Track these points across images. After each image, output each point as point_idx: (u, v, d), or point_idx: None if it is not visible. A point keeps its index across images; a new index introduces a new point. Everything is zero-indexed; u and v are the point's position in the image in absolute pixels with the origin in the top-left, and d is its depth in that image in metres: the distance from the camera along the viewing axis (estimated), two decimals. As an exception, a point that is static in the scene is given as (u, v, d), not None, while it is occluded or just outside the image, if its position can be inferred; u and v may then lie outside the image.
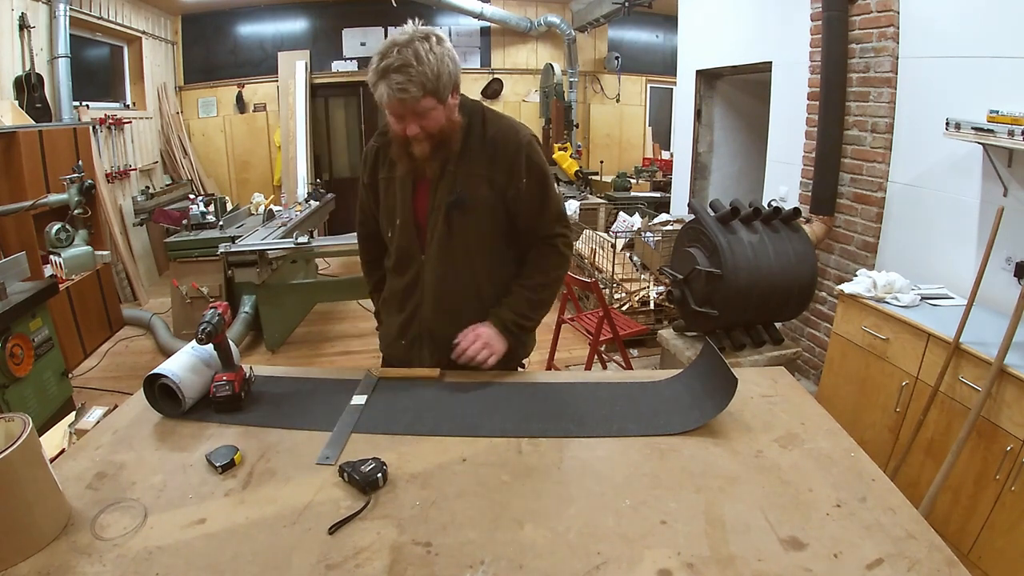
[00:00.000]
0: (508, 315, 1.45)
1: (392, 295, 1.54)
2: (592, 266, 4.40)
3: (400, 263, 1.49)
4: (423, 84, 1.20)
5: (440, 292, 1.45)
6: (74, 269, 3.82)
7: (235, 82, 6.88)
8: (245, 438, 1.17)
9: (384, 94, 1.21)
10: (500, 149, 1.38)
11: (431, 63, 1.20)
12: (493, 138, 1.39)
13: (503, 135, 1.39)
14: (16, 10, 4.13)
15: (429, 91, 1.22)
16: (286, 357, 3.96)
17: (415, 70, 1.19)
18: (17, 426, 0.90)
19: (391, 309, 1.56)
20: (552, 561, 0.86)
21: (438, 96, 1.24)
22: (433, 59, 1.21)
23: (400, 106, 1.23)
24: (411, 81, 1.19)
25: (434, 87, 1.22)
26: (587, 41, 7.50)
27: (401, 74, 1.18)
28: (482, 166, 1.38)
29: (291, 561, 0.86)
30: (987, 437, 1.83)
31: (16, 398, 2.64)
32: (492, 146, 1.38)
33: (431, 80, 1.21)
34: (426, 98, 1.23)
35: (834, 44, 2.94)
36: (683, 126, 4.92)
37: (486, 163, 1.38)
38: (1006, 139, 1.97)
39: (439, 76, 1.22)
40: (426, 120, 1.26)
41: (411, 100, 1.21)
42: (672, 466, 1.08)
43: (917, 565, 0.84)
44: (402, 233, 1.44)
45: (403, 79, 1.19)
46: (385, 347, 1.61)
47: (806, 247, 2.56)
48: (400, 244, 1.46)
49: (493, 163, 1.38)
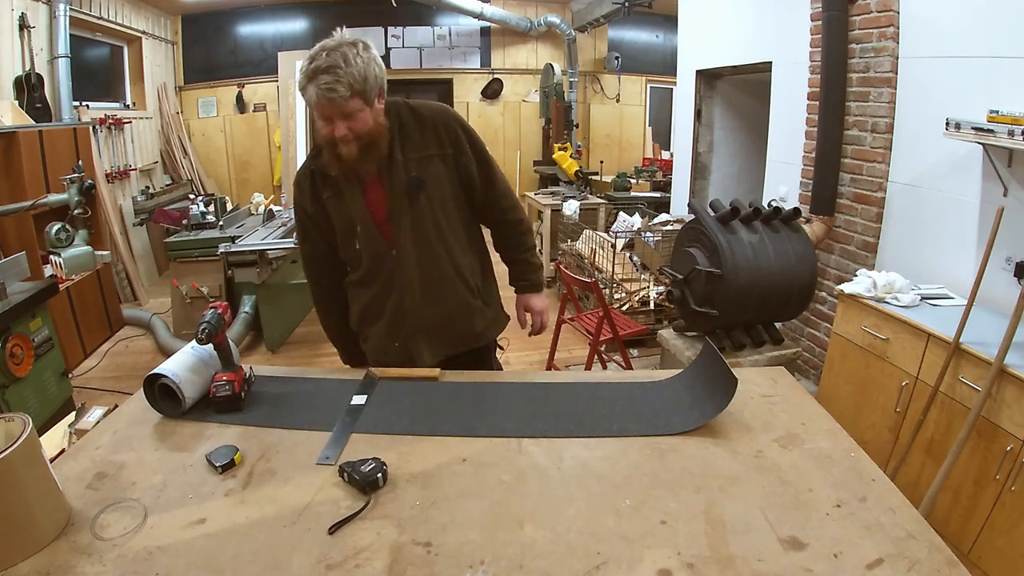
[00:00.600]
0: (533, 276, 1.70)
1: (369, 304, 1.54)
2: (592, 266, 4.40)
3: (370, 269, 1.50)
4: (351, 84, 1.25)
5: (421, 276, 1.47)
6: (74, 269, 3.81)
7: (235, 82, 6.88)
8: (245, 438, 1.17)
9: (313, 95, 1.26)
10: (439, 126, 1.46)
11: (358, 65, 1.26)
12: (429, 119, 1.45)
13: (435, 115, 1.47)
14: (16, 10, 4.13)
15: (356, 92, 1.27)
16: (286, 357, 3.95)
17: (343, 71, 1.24)
18: (17, 426, 0.90)
19: (371, 319, 1.56)
20: (552, 561, 0.86)
21: (365, 97, 1.30)
22: (360, 62, 1.27)
23: (329, 106, 1.28)
24: (339, 81, 1.24)
25: (361, 88, 1.27)
26: (587, 41, 7.50)
27: (330, 75, 1.24)
28: (429, 146, 1.45)
29: (291, 561, 0.86)
30: (987, 437, 1.83)
31: (16, 398, 2.64)
32: (431, 126, 1.45)
33: (358, 81, 1.26)
34: (353, 99, 1.28)
35: (834, 44, 2.94)
36: (683, 126, 4.92)
37: (432, 142, 1.45)
38: (1006, 139, 1.97)
39: (366, 78, 1.28)
40: (353, 121, 1.31)
41: (339, 100, 1.26)
42: (672, 466, 1.08)
43: (917, 565, 0.84)
44: (365, 235, 1.46)
45: (331, 79, 1.24)
46: (378, 358, 1.58)
47: (806, 247, 2.56)
48: (366, 247, 1.47)
49: (438, 139, 1.46)
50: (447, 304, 1.50)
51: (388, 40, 7.08)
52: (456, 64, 7.35)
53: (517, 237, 1.66)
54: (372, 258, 1.48)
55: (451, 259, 1.49)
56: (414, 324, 1.50)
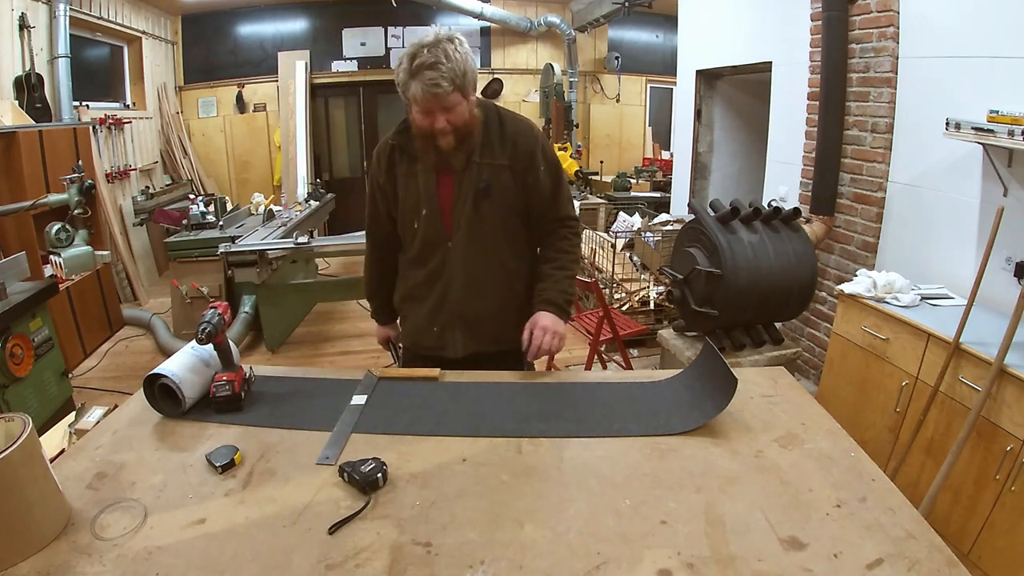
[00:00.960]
0: (558, 296, 1.56)
1: (416, 286, 1.61)
2: (592, 266, 4.40)
3: (424, 252, 1.56)
4: (453, 80, 1.30)
5: (469, 273, 1.53)
6: (74, 269, 3.81)
7: (235, 82, 6.88)
8: (245, 438, 1.17)
9: (419, 90, 1.31)
10: (520, 143, 1.51)
11: (458, 60, 1.31)
12: (512, 134, 1.51)
13: (521, 132, 1.52)
14: (16, 10, 4.13)
15: (458, 86, 1.32)
16: (286, 357, 3.95)
17: (445, 67, 1.29)
18: (17, 426, 0.90)
19: (416, 300, 1.62)
20: (552, 561, 0.86)
21: (464, 91, 1.35)
22: (459, 57, 1.31)
23: (432, 101, 1.32)
24: (443, 77, 1.29)
25: (462, 83, 1.33)
26: (587, 41, 7.50)
27: (434, 71, 1.29)
28: (504, 157, 1.50)
29: (291, 561, 0.86)
30: (987, 437, 1.83)
31: (16, 398, 2.64)
32: (512, 141, 1.50)
33: (459, 76, 1.31)
34: (455, 93, 1.33)
35: (834, 44, 2.94)
36: (683, 126, 4.92)
37: (508, 155, 1.50)
38: (1006, 139, 1.97)
39: (465, 73, 1.33)
40: (452, 114, 1.36)
41: (443, 94, 1.31)
42: (672, 466, 1.08)
43: (917, 565, 0.84)
44: (428, 222, 1.52)
45: (435, 75, 1.29)
46: (414, 338, 1.67)
47: (806, 247, 2.56)
48: (426, 232, 1.53)
49: (514, 155, 1.50)
50: (488, 301, 1.56)
51: (388, 40, 7.08)
52: (456, 64, 7.34)
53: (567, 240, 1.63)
54: (428, 243, 1.54)
55: (500, 260, 1.56)
56: (453, 313, 1.56)
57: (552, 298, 1.54)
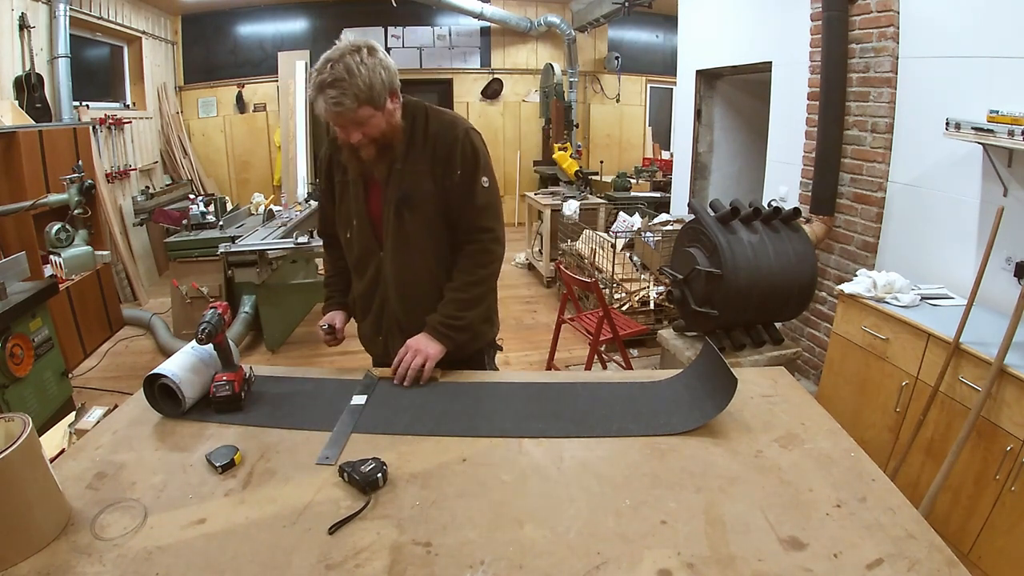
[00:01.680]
0: (436, 318, 1.48)
1: (359, 296, 1.61)
2: (592, 266, 4.40)
3: (360, 262, 1.56)
4: (356, 95, 1.27)
5: (401, 283, 1.52)
6: (74, 269, 3.81)
7: (235, 82, 6.88)
8: (245, 438, 1.17)
9: (321, 108, 1.29)
10: (439, 143, 1.45)
11: (363, 75, 1.27)
12: (434, 133, 1.45)
13: (442, 129, 1.46)
14: (16, 10, 4.13)
15: (364, 101, 1.29)
16: (286, 357, 3.95)
17: (347, 83, 1.26)
18: (17, 426, 0.90)
19: (362, 309, 1.64)
20: (552, 561, 0.86)
21: (374, 104, 1.31)
22: (364, 71, 1.27)
23: (338, 118, 1.31)
24: (344, 94, 1.26)
25: (368, 96, 1.29)
26: (587, 41, 7.50)
27: (334, 88, 1.26)
28: (424, 162, 1.45)
29: (291, 561, 0.86)
30: (987, 437, 1.83)
31: (16, 398, 2.64)
32: (433, 141, 1.45)
33: (364, 91, 1.28)
34: (362, 108, 1.29)
35: (834, 44, 2.94)
36: (683, 126, 4.92)
37: (428, 158, 1.45)
38: (1006, 139, 1.97)
39: (372, 86, 1.29)
40: (367, 127, 1.33)
41: (347, 111, 1.28)
42: (672, 466, 1.08)
43: (917, 565, 0.84)
44: (359, 232, 1.52)
45: (336, 93, 1.26)
46: (365, 347, 1.70)
47: (806, 247, 2.56)
48: (359, 242, 1.53)
49: (434, 157, 1.45)
50: (422, 309, 1.51)
51: (388, 40, 7.09)
52: (456, 64, 7.36)
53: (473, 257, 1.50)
54: (362, 253, 1.54)
55: (428, 269, 1.51)
56: (392, 321, 1.57)
57: (431, 321, 1.47)
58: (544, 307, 4.83)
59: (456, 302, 1.50)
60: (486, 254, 1.52)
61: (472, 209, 1.48)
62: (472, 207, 1.48)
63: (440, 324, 1.47)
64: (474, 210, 1.49)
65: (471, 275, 1.51)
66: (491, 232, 1.52)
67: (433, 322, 1.48)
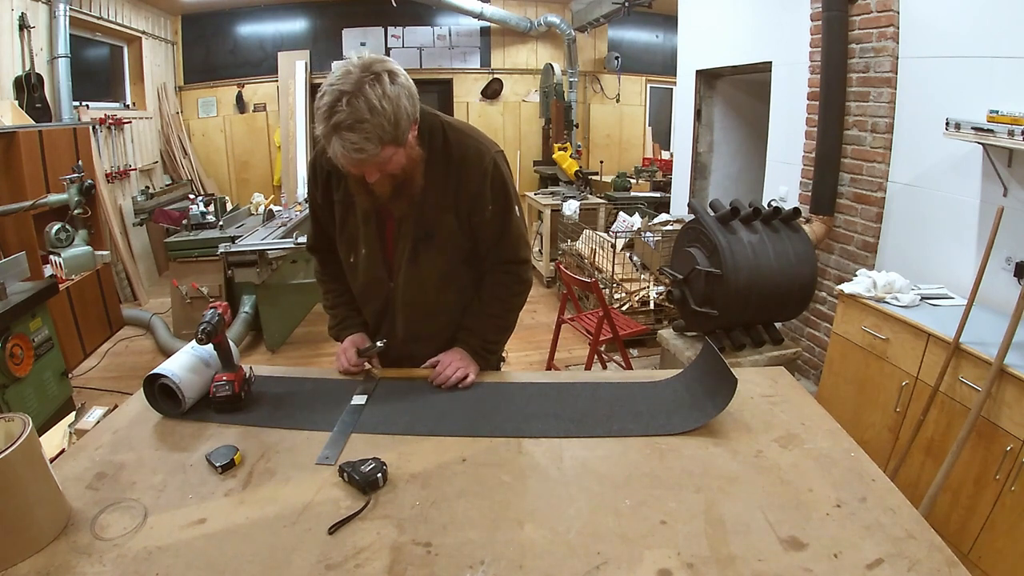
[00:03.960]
0: (476, 341, 1.45)
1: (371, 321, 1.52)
2: (592, 266, 4.40)
3: (367, 289, 1.46)
4: (380, 138, 1.08)
5: (410, 317, 1.45)
6: (74, 269, 3.81)
7: (235, 82, 6.88)
8: (245, 438, 1.17)
9: (339, 151, 1.09)
10: (465, 176, 1.31)
11: (387, 112, 1.07)
12: (458, 164, 1.30)
13: (468, 160, 1.31)
14: (16, 10, 4.13)
15: (388, 141, 1.10)
16: (286, 357, 3.95)
17: (370, 124, 1.06)
18: (17, 426, 0.90)
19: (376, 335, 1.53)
20: (552, 561, 0.86)
21: (397, 143, 1.13)
22: (388, 105, 1.07)
23: (360, 165, 1.13)
24: (368, 139, 1.07)
25: (393, 135, 1.10)
26: (587, 41, 7.50)
27: (355, 132, 1.06)
28: (448, 196, 1.32)
29: (291, 561, 0.86)
30: (987, 437, 1.83)
31: (16, 398, 2.64)
32: (457, 173, 1.30)
33: (389, 130, 1.09)
34: (386, 148, 1.11)
35: (834, 44, 2.94)
36: (683, 126, 4.92)
37: (452, 192, 1.31)
38: (1006, 139, 1.97)
39: (397, 124, 1.10)
40: (388, 165, 1.17)
41: (369, 158, 1.10)
42: (672, 466, 1.08)
43: (917, 565, 0.84)
44: (368, 261, 1.41)
45: (359, 138, 1.06)
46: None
47: (806, 247, 2.56)
48: (366, 271, 1.42)
49: (458, 191, 1.32)
50: (430, 346, 1.47)
51: (388, 40, 7.08)
52: (456, 64, 7.35)
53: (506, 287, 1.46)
54: (370, 282, 1.44)
55: (442, 306, 1.45)
56: (400, 354, 1.49)
57: (471, 343, 1.43)
58: (544, 307, 4.83)
59: (496, 328, 1.48)
60: (522, 283, 1.49)
61: (507, 243, 1.42)
62: (507, 241, 1.42)
63: (481, 347, 1.45)
64: (509, 243, 1.42)
65: (507, 303, 1.48)
66: (523, 261, 1.48)
67: (473, 344, 1.44)
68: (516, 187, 1.46)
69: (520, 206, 1.45)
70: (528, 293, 1.53)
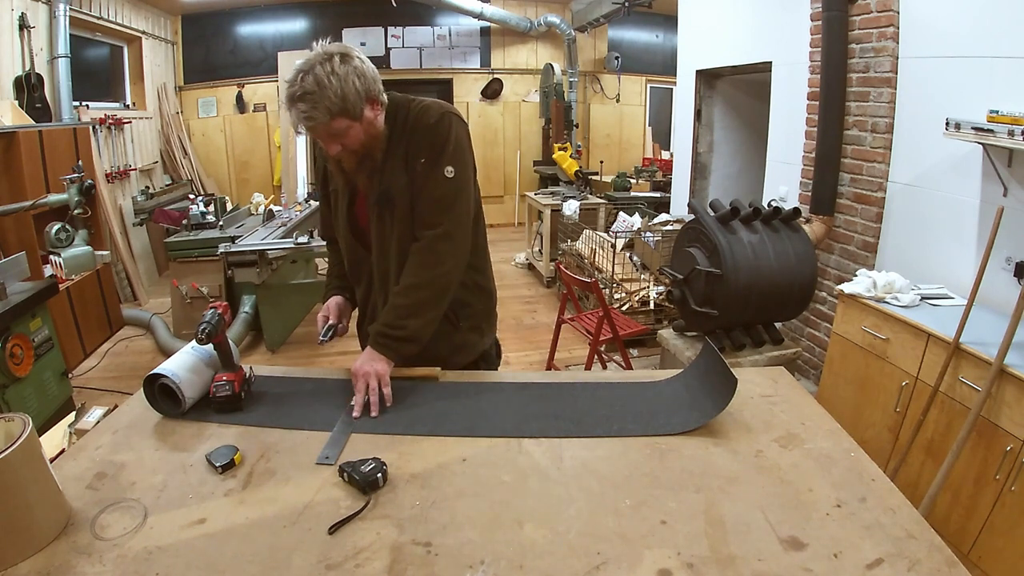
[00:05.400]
0: (375, 327, 1.36)
1: (361, 302, 1.58)
2: (592, 266, 4.40)
3: (353, 269, 1.53)
4: (328, 108, 1.20)
5: (386, 286, 1.44)
6: (74, 269, 3.82)
7: (235, 82, 6.88)
8: (245, 438, 1.17)
9: (293, 120, 1.24)
10: (414, 131, 1.35)
11: (333, 86, 1.19)
12: (412, 123, 1.35)
13: (418, 117, 1.35)
14: (16, 10, 4.13)
15: (336, 113, 1.21)
16: (286, 357, 3.95)
17: (318, 95, 1.19)
18: (17, 426, 0.90)
19: (360, 313, 1.61)
20: (552, 561, 0.86)
21: (349, 115, 1.23)
22: (335, 81, 1.20)
23: (311, 132, 1.25)
24: (315, 108, 1.20)
25: (341, 107, 1.21)
26: (587, 41, 7.50)
27: (304, 102, 1.19)
28: (400, 156, 1.36)
29: (291, 561, 0.86)
30: (987, 437, 1.83)
31: (16, 398, 2.64)
32: (410, 131, 1.35)
33: (336, 103, 1.20)
34: (336, 120, 1.22)
35: (834, 44, 2.94)
36: (683, 126, 4.92)
37: (403, 151, 1.35)
38: (1006, 139, 1.97)
39: (344, 97, 1.21)
40: (345, 139, 1.27)
41: (319, 125, 1.22)
42: (672, 466, 1.08)
43: (917, 565, 0.84)
44: (345, 241, 1.49)
45: (307, 107, 1.20)
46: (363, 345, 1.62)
47: (806, 247, 2.56)
48: (349, 251, 1.50)
49: (407, 148, 1.35)
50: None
51: (388, 40, 7.09)
52: (456, 64, 7.36)
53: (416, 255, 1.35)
54: (354, 259, 1.51)
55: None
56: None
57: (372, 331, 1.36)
58: (544, 307, 4.84)
59: (395, 308, 1.35)
60: (430, 254, 1.34)
61: (426, 200, 1.34)
62: (426, 198, 1.34)
63: (378, 334, 1.34)
64: (427, 202, 1.34)
65: (412, 277, 1.35)
66: (437, 228, 1.34)
67: (372, 331, 1.35)
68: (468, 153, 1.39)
69: (461, 171, 1.35)
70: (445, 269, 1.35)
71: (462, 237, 1.38)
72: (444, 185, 1.34)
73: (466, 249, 1.40)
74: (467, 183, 1.38)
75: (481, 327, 1.57)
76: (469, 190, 1.40)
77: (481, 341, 1.57)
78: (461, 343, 1.53)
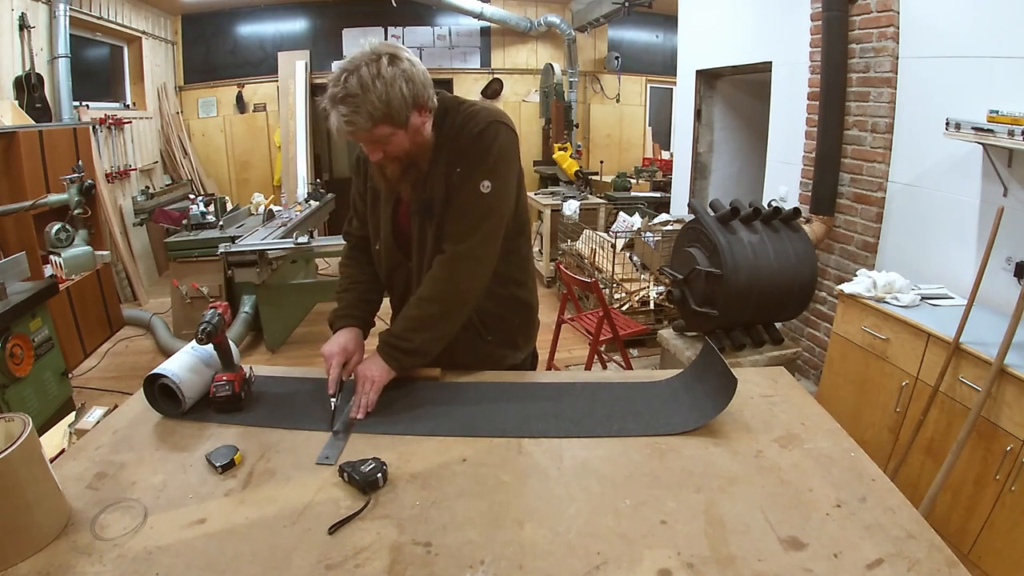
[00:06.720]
0: (384, 333, 1.32)
1: (393, 306, 1.53)
2: (592, 266, 4.40)
3: (391, 274, 1.47)
4: (371, 114, 1.13)
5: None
6: (74, 269, 3.82)
7: (235, 82, 6.88)
8: (245, 438, 1.17)
9: (333, 123, 1.15)
10: (460, 138, 1.28)
11: (378, 89, 1.12)
12: (458, 128, 1.28)
13: (465, 123, 1.28)
14: (16, 10, 4.13)
15: (379, 120, 1.14)
16: (286, 357, 3.96)
17: (360, 99, 1.12)
18: (17, 426, 0.90)
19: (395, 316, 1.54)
20: (552, 561, 0.86)
21: (393, 122, 1.16)
22: (380, 85, 1.12)
23: (353, 136, 1.17)
24: (356, 112, 1.13)
25: (384, 113, 1.14)
26: (587, 41, 7.50)
27: (346, 105, 1.12)
28: (443, 163, 1.29)
29: (291, 561, 0.86)
30: (987, 437, 1.83)
31: (16, 398, 2.64)
32: (455, 137, 1.28)
33: (379, 108, 1.13)
34: (379, 127, 1.16)
35: (834, 44, 2.94)
36: (683, 126, 4.92)
37: (446, 158, 1.29)
38: (1006, 139, 1.97)
39: (389, 102, 1.14)
40: (388, 146, 1.20)
41: (361, 131, 1.16)
42: (672, 466, 1.08)
43: (917, 565, 0.84)
44: (386, 245, 1.43)
45: (348, 110, 1.12)
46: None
47: (806, 247, 2.56)
48: (387, 256, 1.44)
49: (451, 155, 1.28)
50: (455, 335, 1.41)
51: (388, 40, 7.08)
52: (456, 64, 7.35)
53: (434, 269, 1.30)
54: (392, 265, 1.45)
55: None
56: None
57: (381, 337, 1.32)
58: (544, 307, 4.80)
59: (404, 319, 1.31)
60: (448, 269, 1.28)
61: (455, 212, 1.28)
62: (456, 210, 1.28)
63: (385, 343, 1.30)
64: (456, 213, 1.28)
65: (427, 290, 1.30)
66: (461, 244, 1.28)
67: (380, 337, 1.32)
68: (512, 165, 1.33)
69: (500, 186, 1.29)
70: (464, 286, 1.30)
71: (486, 256, 1.31)
72: (476, 200, 1.27)
73: (489, 268, 1.33)
74: (503, 200, 1.31)
75: (516, 341, 1.52)
76: (504, 207, 1.32)
77: (513, 355, 1.53)
78: (487, 355, 1.48)
